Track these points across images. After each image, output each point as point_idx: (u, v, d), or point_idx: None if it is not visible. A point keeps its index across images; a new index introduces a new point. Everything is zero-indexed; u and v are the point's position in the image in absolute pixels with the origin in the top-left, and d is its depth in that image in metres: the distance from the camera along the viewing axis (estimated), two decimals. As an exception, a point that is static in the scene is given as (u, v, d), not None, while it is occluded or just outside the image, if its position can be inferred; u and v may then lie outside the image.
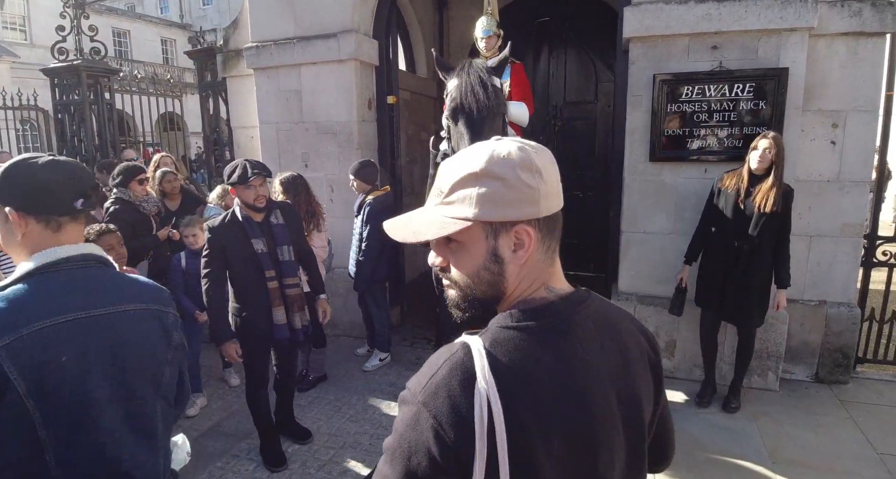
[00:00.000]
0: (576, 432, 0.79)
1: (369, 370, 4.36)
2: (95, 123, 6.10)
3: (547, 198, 0.83)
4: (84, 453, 1.17)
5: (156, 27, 25.52)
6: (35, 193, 1.20)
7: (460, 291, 0.88)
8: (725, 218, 3.44)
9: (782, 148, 3.28)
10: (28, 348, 1.09)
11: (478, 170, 0.81)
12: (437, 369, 0.79)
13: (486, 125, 2.75)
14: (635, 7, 3.78)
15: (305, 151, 4.93)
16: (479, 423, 0.73)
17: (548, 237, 0.86)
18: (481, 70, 2.85)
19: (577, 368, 0.82)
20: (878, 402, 3.77)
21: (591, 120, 6.89)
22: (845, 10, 3.64)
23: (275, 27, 4.85)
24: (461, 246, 0.85)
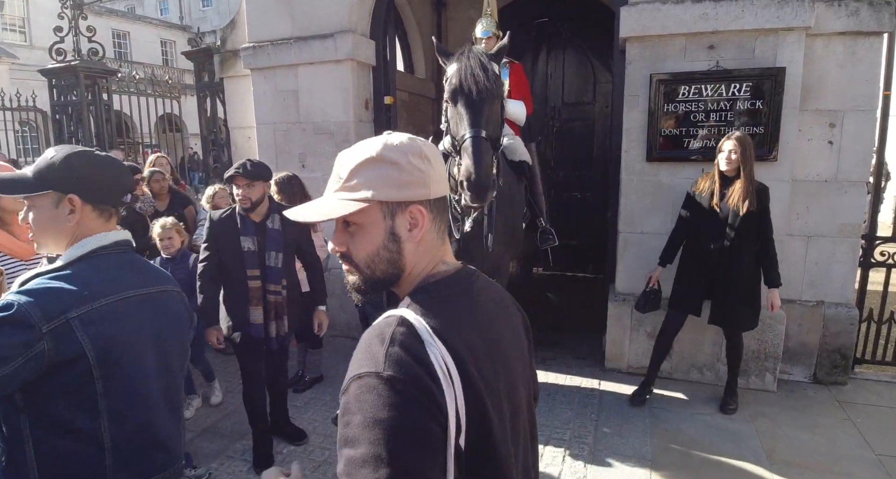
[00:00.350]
0: (506, 378, 0.92)
1: None
2: (93, 124, 6.10)
3: (437, 182, 0.93)
4: (134, 424, 1.28)
5: (155, 29, 25.55)
6: (101, 185, 1.33)
7: (361, 273, 0.94)
8: (702, 221, 3.42)
9: (748, 147, 3.26)
10: (97, 320, 1.20)
11: (374, 155, 0.89)
12: (387, 342, 0.81)
13: (485, 107, 2.76)
14: (632, 7, 3.78)
15: (302, 152, 4.93)
16: (444, 379, 0.79)
17: (438, 218, 0.95)
18: (481, 55, 2.87)
19: (492, 327, 0.95)
20: (877, 403, 3.75)
21: (589, 121, 6.90)
22: (842, 9, 3.63)
23: (272, 27, 4.85)
24: (360, 228, 0.91)
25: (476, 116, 2.75)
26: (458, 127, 2.83)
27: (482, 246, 3.43)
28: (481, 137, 2.71)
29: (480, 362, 0.86)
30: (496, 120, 2.89)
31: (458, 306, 0.92)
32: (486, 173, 2.67)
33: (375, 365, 0.79)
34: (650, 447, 3.22)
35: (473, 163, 2.65)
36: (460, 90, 2.79)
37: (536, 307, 5.54)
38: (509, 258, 3.86)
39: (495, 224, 3.38)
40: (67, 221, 1.28)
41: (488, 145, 2.75)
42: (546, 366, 4.40)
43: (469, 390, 0.81)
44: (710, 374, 4.01)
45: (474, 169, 2.65)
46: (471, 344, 0.86)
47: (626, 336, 4.10)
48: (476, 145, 2.69)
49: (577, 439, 3.33)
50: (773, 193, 3.72)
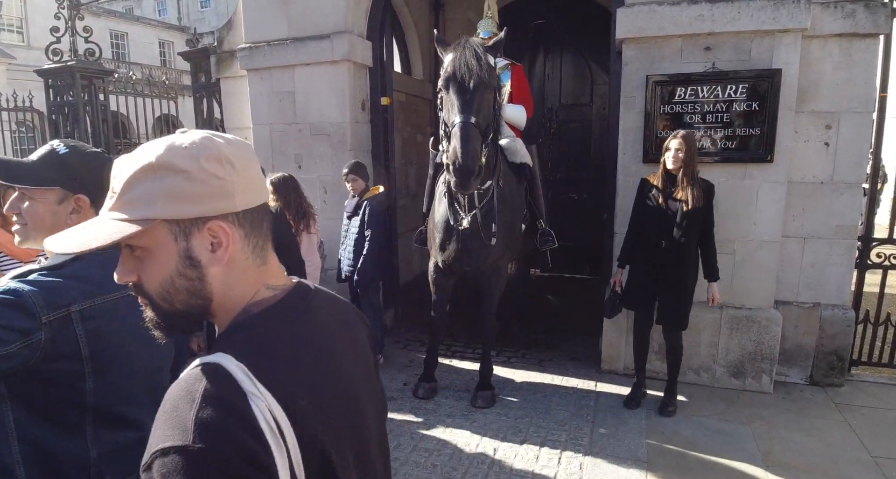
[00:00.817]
0: (350, 408, 0.82)
1: None
2: (90, 125, 6.08)
3: (245, 191, 0.77)
4: (121, 422, 1.27)
5: (153, 29, 25.52)
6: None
7: (157, 307, 0.79)
8: (651, 220, 3.44)
9: (692, 145, 3.31)
10: (97, 316, 1.21)
11: (154, 161, 0.73)
12: (197, 403, 0.66)
13: (476, 94, 2.81)
14: (628, 8, 3.77)
15: (299, 153, 4.92)
16: (272, 437, 0.67)
17: (253, 233, 0.80)
18: (477, 45, 2.91)
19: (333, 351, 0.84)
20: (873, 405, 3.75)
21: (586, 122, 6.90)
22: (839, 11, 3.63)
23: (268, 28, 4.84)
24: (148, 253, 0.76)
25: (466, 102, 2.80)
26: (450, 113, 2.88)
27: (482, 245, 3.44)
28: (470, 122, 2.76)
29: (319, 400, 0.75)
30: (487, 108, 2.94)
31: (287, 337, 0.78)
32: (472, 158, 2.71)
33: (183, 436, 0.63)
34: (646, 449, 3.22)
35: (460, 146, 2.69)
36: (453, 78, 2.86)
37: (533, 309, 5.55)
38: (508, 259, 3.86)
39: (498, 220, 3.38)
40: (68, 219, 1.27)
41: (477, 132, 2.79)
42: (542, 368, 4.39)
43: (305, 441, 0.70)
44: (706, 375, 4.00)
45: (461, 152, 2.69)
46: (306, 381, 0.75)
47: (622, 338, 4.10)
48: (464, 130, 2.74)
49: (572, 440, 3.32)
50: (770, 194, 3.74)
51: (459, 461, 3.12)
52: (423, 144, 6.49)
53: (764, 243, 3.80)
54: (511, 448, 3.24)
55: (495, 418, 3.61)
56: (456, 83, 2.86)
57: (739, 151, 3.71)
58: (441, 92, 3.00)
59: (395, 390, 4.05)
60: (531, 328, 5.19)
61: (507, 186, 3.60)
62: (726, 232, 3.83)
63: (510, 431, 3.44)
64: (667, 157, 3.32)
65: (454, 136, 2.78)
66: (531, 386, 4.08)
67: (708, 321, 3.93)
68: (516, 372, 4.33)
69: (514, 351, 4.74)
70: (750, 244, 3.82)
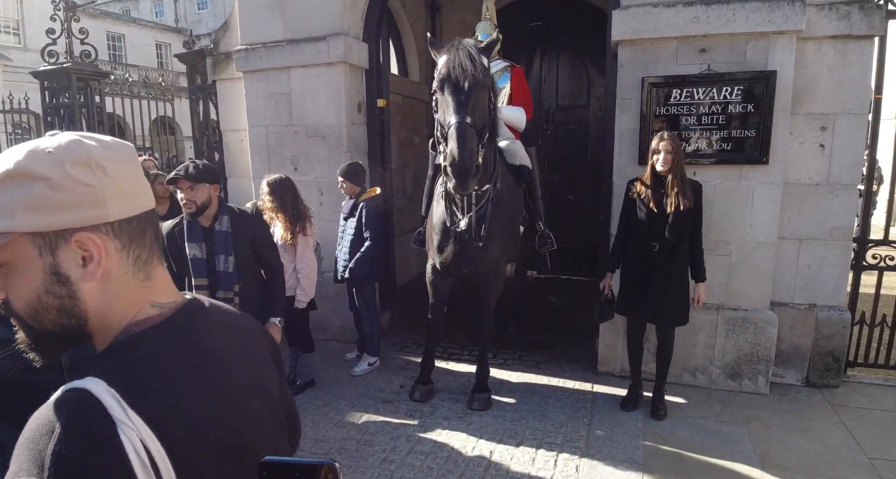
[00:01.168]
0: (243, 440, 0.76)
1: (358, 375, 4.31)
2: (85, 127, 6.06)
3: (120, 198, 0.71)
4: None
5: (151, 31, 25.48)
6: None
7: (27, 327, 0.72)
8: (642, 223, 3.43)
9: (679, 146, 3.33)
10: None
11: (12, 169, 0.66)
12: (57, 435, 0.60)
13: (471, 95, 2.83)
14: (624, 10, 3.78)
15: (295, 154, 4.91)
16: (142, 472, 0.61)
17: (133, 245, 0.73)
18: (470, 46, 2.94)
19: (224, 377, 0.77)
20: (869, 406, 3.75)
21: (583, 124, 6.91)
22: (833, 12, 3.64)
23: (264, 30, 4.83)
24: (12, 269, 0.69)
25: (461, 103, 2.82)
26: (445, 114, 2.89)
27: (481, 252, 3.44)
28: (466, 123, 2.78)
29: (203, 429, 0.70)
30: (483, 108, 2.95)
31: (169, 360, 0.72)
32: (469, 157, 2.72)
33: (38, 471, 0.57)
34: (642, 451, 3.21)
35: (458, 147, 2.71)
36: (447, 79, 2.88)
37: (530, 311, 5.55)
38: (506, 262, 3.85)
39: (489, 224, 3.38)
40: None
41: (473, 132, 2.81)
42: (539, 370, 4.39)
43: (186, 475, 0.65)
44: (702, 377, 4.00)
45: (458, 153, 2.71)
46: (187, 409, 0.69)
47: (618, 340, 4.09)
48: (460, 130, 2.75)
49: (569, 442, 3.32)
50: (765, 196, 3.74)
51: (456, 464, 3.11)
52: (420, 146, 6.50)
53: (760, 244, 3.80)
54: (507, 451, 3.24)
55: (492, 420, 3.60)
56: (451, 84, 2.87)
57: (735, 152, 3.71)
58: (436, 93, 3.01)
59: (392, 392, 4.04)
60: (528, 330, 5.18)
61: (506, 188, 3.60)
62: (722, 234, 3.84)
63: (507, 433, 3.43)
64: (656, 159, 3.32)
65: (450, 136, 2.79)
66: (528, 388, 4.07)
67: (704, 323, 3.93)
68: (513, 374, 4.32)
69: (511, 353, 4.74)
70: (746, 246, 3.83)
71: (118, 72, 10.27)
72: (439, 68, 2.96)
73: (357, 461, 3.16)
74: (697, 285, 3.50)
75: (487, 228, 3.38)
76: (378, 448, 3.28)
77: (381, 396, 3.98)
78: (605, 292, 3.71)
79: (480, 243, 3.39)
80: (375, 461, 3.16)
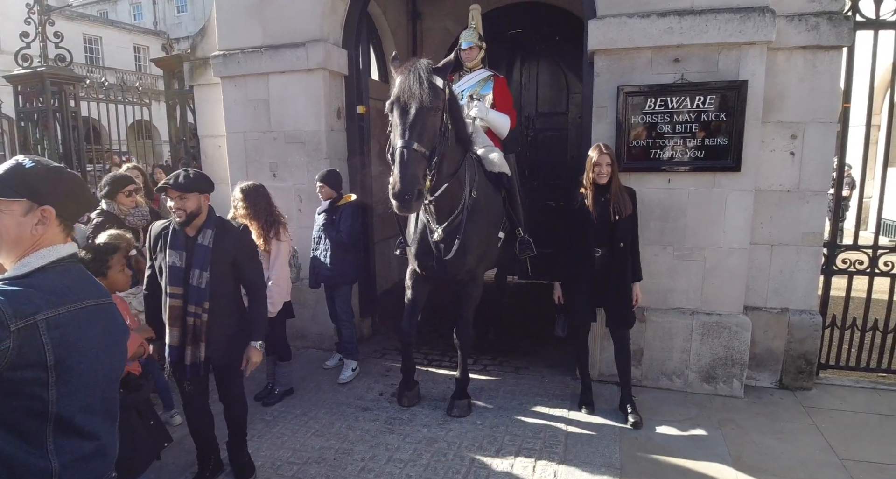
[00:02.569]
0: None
1: (345, 381, 4.27)
2: (60, 132, 5.96)
3: None
4: (79, 432, 1.30)
5: (128, 34, 25.15)
6: (77, 201, 1.42)
7: None
8: (587, 231, 3.51)
9: (614, 155, 3.46)
10: (63, 324, 1.24)
11: None
12: None
13: (418, 119, 2.88)
14: (600, 20, 3.83)
15: (273, 161, 4.88)
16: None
17: None
18: (423, 69, 2.96)
19: None
20: (841, 408, 3.83)
21: (562, 130, 6.98)
22: (803, 24, 3.73)
23: (242, 35, 4.81)
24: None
25: (408, 128, 2.87)
26: (394, 137, 2.96)
27: (458, 259, 3.47)
28: (411, 148, 2.85)
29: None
30: (432, 131, 2.99)
31: None
32: (409, 184, 2.81)
33: None
34: (619, 455, 3.24)
35: (399, 174, 2.81)
36: (396, 102, 2.94)
37: (511, 316, 5.57)
38: (484, 269, 3.87)
39: (464, 233, 3.41)
40: (32, 231, 1.30)
41: (418, 156, 2.86)
42: (519, 375, 4.41)
43: None
44: (679, 381, 4.05)
45: (399, 180, 2.81)
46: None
47: (596, 345, 4.13)
48: (402, 157, 2.84)
49: (547, 448, 3.34)
50: (738, 202, 3.82)
51: (435, 472, 3.10)
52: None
53: (733, 250, 3.87)
54: (487, 457, 3.24)
55: (471, 426, 3.60)
56: (399, 107, 2.93)
57: (708, 160, 3.78)
58: (388, 114, 3.05)
59: (371, 400, 4.02)
60: (508, 335, 5.20)
61: (483, 195, 3.63)
62: (696, 240, 3.90)
63: (486, 440, 3.44)
64: (597, 172, 3.41)
65: (394, 163, 2.88)
66: (507, 394, 4.09)
67: (680, 327, 3.99)
68: (493, 379, 4.33)
69: (492, 358, 4.75)
70: (720, 251, 3.89)
71: (94, 75, 10.12)
72: (392, 90, 3.02)
73: (336, 470, 3.14)
74: (634, 284, 3.61)
75: (462, 238, 3.43)
76: (357, 457, 3.26)
77: (361, 404, 3.96)
78: (559, 302, 3.79)
79: (450, 255, 3.44)
80: (354, 469, 3.14)
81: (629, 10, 3.78)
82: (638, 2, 3.78)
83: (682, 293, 4.00)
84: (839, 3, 3.73)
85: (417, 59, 3.06)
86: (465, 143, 3.55)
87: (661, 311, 4.03)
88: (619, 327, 3.63)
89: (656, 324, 4.03)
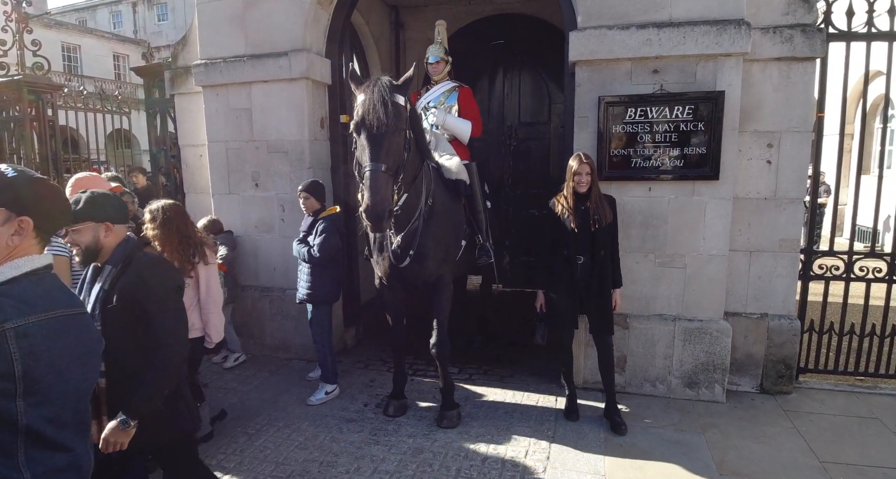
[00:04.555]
0: None
1: (314, 404, 4.07)
2: (36, 141, 5.86)
3: None
4: (51, 444, 1.27)
5: (108, 42, 24.88)
6: (56, 213, 1.41)
7: None
8: (567, 240, 3.55)
9: (593, 164, 3.51)
10: (32, 334, 1.21)
11: None
12: None
13: (384, 141, 2.99)
14: (580, 32, 3.89)
15: (256, 170, 4.85)
16: None
17: None
18: (384, 88, 3.04)
19: None
20: (821, 411, 3.89)
21: (544, 140, 7.05)
22: (777, 36, 3.83)
23: (225, 45, 4.79)
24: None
25: (376, 149, 2.98)
26: (362, 157, 3.06)
27: (416, 265, 3.53)
28: (380, 170, 2.97)
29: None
30: (397, 150, 3.10)
31: None
32: (381, 204, 2.94)
33: None
34: (605, 462, 3.25)
35: (370, 195, 2.93)
36: (362, 124, 3.02)
37: (496, 325, 5.57)
38: (448, 275, 3.88)
39: (421, 240, 3.48)
40: (9, 241, 1.29)
41: (387, 177, 3.00)
42: (504, 384, 4.41)
43: None
44: (662, 387, 4.09)
45: (370, 201, 2.93)
46: None
47: (581, 352, 4.15)
48: (373, 179, 2.95)
49: (532, 456, 3.33)
50: (717, 210, 3.88)
51: (420, 482, 3.08)
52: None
53: (713, 256, 3.93)
54: (473, 468, 3.23)
55: (456, 436, 3.59)
56: (365, 129, 3.01)
57: (687, 168, 3.84)
58: (353, 134, 3.13)
59: (355, 411, 3.98)
60: (493, 344, 5.20)
61: (440, 203, 3.69)
62: (677, 247, 3.96)
63: (471, 449, 3.42)
64: (577, 181, 3.45)
65: (365, 184, 2.98)
66: (493, 403, 4.08)
67: (662, 333, 4.03)
68: (478, 389, 4.33)
69: (477, 367, 4.74)
70: (700, 258, 3.95)
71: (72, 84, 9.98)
72: (356, 108, 3.10)
73: (320, 482, 3.11)
74: (614, 291, 3.65)
75: (419, 244, 3.51)
76: (341, 469, 3.23)
77: (345, 415, 3.92)
78: (541, 310, 3.80)
79: (406, 261, 3.52)
80: (339, 482, 3.11)
81: (609, 22, 3.85)
82: (617, 14, 3.85)
83: (664, 300, 4.05)
84: (812, 16, 3.84)
85: (377, 76, 3.15)
86: (424, 152, 3.62)
87: (644, 318, 4.07)
88: (602, 334, 3.66)
89: (639, 331, 4.06)
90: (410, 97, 3.32)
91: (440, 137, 4.26)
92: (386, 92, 3.01)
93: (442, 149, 4.15)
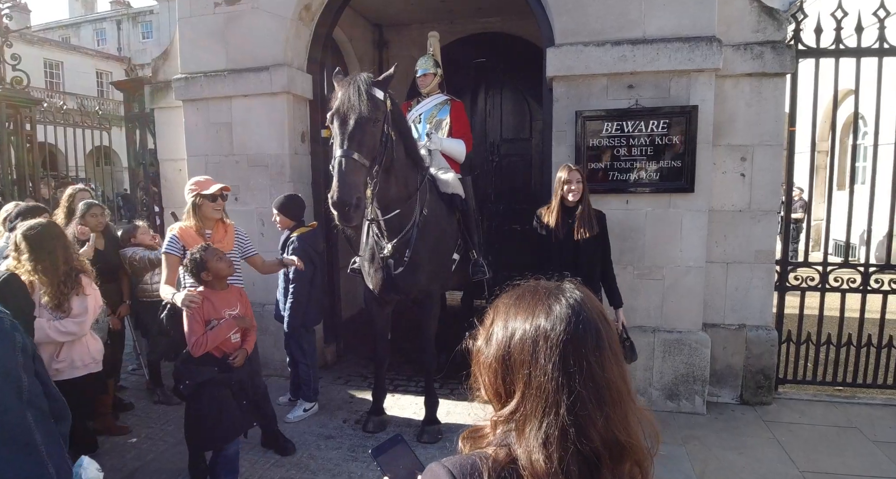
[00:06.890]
0: None
1: (292, 422, 3.99)
2: (14, 156, 5.79)
3: None
4: None
5: (91, 59, 24.82)
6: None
7: None
8: (554, 253, 3.47)
9: (584, 175, 3.45)
10: None
11: None
12: None
13: (356, 129, 2.91)
14: (557, 48, 3.97)
15: (236, 184, 4.80)
16: None
17: None
18: (362, 82, 3.00)
19: None
20: (800, 421, 3.91)
21: (526, 156, 7.12)
22: (748, 52, 3.94)
23: (205, 59, 4.79)
24: None
25: (346, 137, 2.89)
26: (334, 146, 2.98)
27: (410, 273, 3.48)
28: (350, 157, 2.86)
29: None
30: (372, 141, 3.01)
31: None
32: (348, 192, 2.80)
33: None
34: (586, 476, 3.22)
35: (337, 182, 2.80)
36: (336, 113, 2.97)
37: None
38: (438, 289, 3.87)
39: (414, 248, 3.44)
40: None
41: (357, 165, 2.88)
42: (486, 398, 4.37)
43: None
44: (643, 399, 4.07)
45: (337, 188, 2.79)
46: None
47: (562, 365, 4.13)
48: (341, 166, 2.83)
49: (514, 471, 3.29)
50: (693, 222, 3.93)
51: (399, 498, 3.02)
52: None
53: (690, 268, 3.97)
54: (452, 482, 3.18)
55: (437, 452, 3.54)
56: (339, 118, 2.96)
57: (663, 182, 3.91)
58: (329, 126, 3.09)
59: (334, 428, 3.92)
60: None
61: (434, 215, 3.67)
62: (655, 259, 3.99)
63: (452, 464, 3.38)
64: (566, 190, 3.36)
65: (333, 171, 2.88)
66: (475, 417, 4.04)
67: (642, 345, 4.03)
68: (460, 403, 4.28)
69: (459, 382, 4.69)
70: (677, 270, 3.99)
71: (53, 100, 9.91)
72: (333, 102, 3.06)
73: (296, 500, 3.04)
74: (617, 311, 3.55)
75: (412, 253, 3.44)
76: (319, 486, 3.17)
77: (323, 432, 3.86)
78: None
79: (402, 267, 3.45)
80: (316, 499, 3.04)
81: (585, 39, 3.93)
82: (593, 31, 3.93)
83: (643, 312, 4.07)
84: (782, 33, 3.96)
85: (358, 72, 3.12)
86: (418, 160, 3.58)
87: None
88: None
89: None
90: (392, 95, 3.26)
91: (435, 151, 4.25)
92: (363, 84, 2.98)
93: (437, 163, 4.15)
